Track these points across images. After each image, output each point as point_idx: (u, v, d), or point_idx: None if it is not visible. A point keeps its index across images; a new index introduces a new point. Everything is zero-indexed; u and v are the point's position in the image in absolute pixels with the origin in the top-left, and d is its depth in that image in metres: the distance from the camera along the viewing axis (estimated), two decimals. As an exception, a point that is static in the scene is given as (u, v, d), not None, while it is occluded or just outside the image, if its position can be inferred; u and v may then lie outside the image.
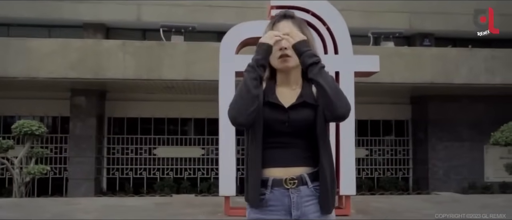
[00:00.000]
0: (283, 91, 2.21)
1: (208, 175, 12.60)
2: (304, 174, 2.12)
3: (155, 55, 10.01)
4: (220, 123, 6.04)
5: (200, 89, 11.39)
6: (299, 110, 2.15)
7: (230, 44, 6.04)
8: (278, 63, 2.18)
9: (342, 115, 2.05)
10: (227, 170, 5.96)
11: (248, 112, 2.04)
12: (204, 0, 12.04)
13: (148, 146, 12.59)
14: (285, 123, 2.13)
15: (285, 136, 2.13)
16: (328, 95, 2.04)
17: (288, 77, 2.22)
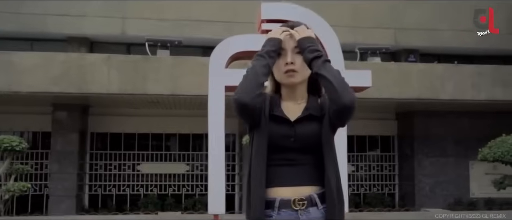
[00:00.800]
0: (288, 105, 2.11)
1: (193, 191, 12.39)
2: (313, 194, 2.00)
3: (140, 70, 9.86)
4: (210, 138, 5.89)
5: (186, 104, 11.24)
6: (305, 124, 2.05)
7: (220, 58, 5.94)
8: (283, 78, 2.09)
9: (348, 103, 1.92)
10: (217, 188, 5.81)
11: (254, 94, 1.94)
12: (190, 14, 11.94)
13: (131, 162, 12.35)
14: (291, 138, 2.02)
15: (292, 152, 2.02)
16: (332, 84, 1.94)
17: (294, 92, 2.12)
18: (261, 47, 2.11)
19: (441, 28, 12.57)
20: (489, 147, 8.48)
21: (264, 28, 5.82)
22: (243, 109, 1.94)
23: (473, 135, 11.95)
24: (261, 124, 2.03)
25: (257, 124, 2.03)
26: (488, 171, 12.23)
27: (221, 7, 12.13)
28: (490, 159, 8.34)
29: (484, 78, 10.56)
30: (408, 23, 12.47)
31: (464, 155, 12.16)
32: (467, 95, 10.44)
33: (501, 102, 10.63)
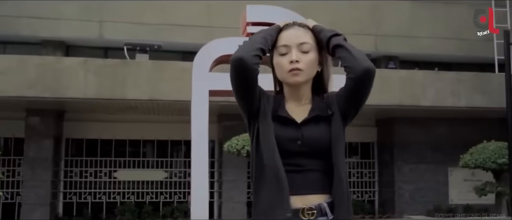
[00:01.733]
0: (292, 106, 1.97)
1: (171, 199, 12.14)
2: (323, 203, 1.86)
3: (118, 74, 9.62)
4: (193, 144, 5.71)
5: (165, 110, 11.03)
6: (312, 126, 1.90)
7: (204, 61, 5.77)
8: (287, 77, 1.94)
9: (368, 66, 1.85)
10: (200, 194, 5.62)
11: (251, 52, 1.85)
12: (169, 19, 11.74)
13: (108, 169, 12.05)
14: (297, 141, 1.87)
15: (299, 157, 1.87)
16: (351, 53, 1.88)
17: (298, 92, 1.98)
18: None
19: (421, 35, 12.65)
20: (470, 154, 8.51)
21: (250, 31, 5.68)
22: (239, 64, 1.83)
23: (452, 142, 12.03)
24: (265, 119, 1.89)
25: (255, 108, 1.91)
26: (466, 177, 12.32)
27: (200, 12, 11.98)
28: (471, 166, 8.37)
29: (464, 85, 10.62)
30: (388, 30, 12.52)
31: (443, 161, 12.21)
32: (447, 102, 10.48)
33: (480, 109, 10.71)
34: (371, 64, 1.88)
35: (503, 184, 8.41)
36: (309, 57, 1.94)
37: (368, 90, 1.90)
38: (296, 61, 1.91)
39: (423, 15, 12.84)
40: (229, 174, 11.71)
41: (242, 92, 1.91)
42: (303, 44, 1.94)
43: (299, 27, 2.00)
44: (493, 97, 10.49)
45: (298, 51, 1.93)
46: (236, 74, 1.87)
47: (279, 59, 1.95)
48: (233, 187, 11.71)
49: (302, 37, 1.96)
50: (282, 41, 1.96)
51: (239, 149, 8.05)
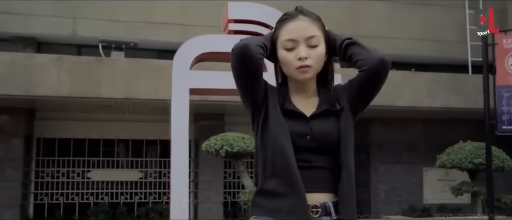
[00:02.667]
0: (298, 99, 1.88)
1: (146, 199, 11.94)
2: (328, 202, 1.77)
3: (93, 72, 9.38)
4: (173, 143, 5.57)
5: (140, 109, 10.83)
6: (321, 121, 1.82)
7: (184, 59, 5.65)
8: (295, 74, 1.84)
9: (383, 56, 1.78)
10: (180, 194, 5.50)
11: (257, 44, 1.77)
12: (145, 16, 11.53)
13: (81, 169, 11.77)
14: (307, 136, 1.78)
15: (307, 153, 1.78)
16: (364, 48, 1.83)
17: (304, 85, 1.89)
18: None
19: (397, 36, 12.74)
20: (447, 154, 8.57)
21: (232, 28, 5.60)
22: (244, 52, 1.74)
23: (426, 142, 12.16)
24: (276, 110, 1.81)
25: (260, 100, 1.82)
26: (440, 177, 12.47)
27: (177, 10, 11.80)
28: (448, 166, 8.43)
29: (439, 86, 10.72)
30: (365, 30, 12.55)
31: (418, 162, 12.33)
32: (423, 102, 10.56)
33: (455, 109, 10.83)
34: (385, 55, 1.81)
35: (478, 184, 8.50)
36: (318, 52, 1.84)
37: (383, 81, 1.83)
38: (305, 58, 1.81)
39: (399, 16, 12.94)
40: (205, 174, 11.58)
41: (246, 83, 1.81)
42: (311, 38, 1.83)
43: (305, 17, 1.87)
44: (468, 98, 10.62)
45: (306, 46, 1.83)
46: (240, 63, 1.77)
47: (285, 54, 1.85)
48: (209, 187, 11.58)
49: (310, 30, 1.84)
50: (287, 34, 1.84)
51: (217, 149, 7.93)
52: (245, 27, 5.58)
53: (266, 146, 1.79)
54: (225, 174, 12.01)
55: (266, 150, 1.79)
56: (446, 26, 13.06)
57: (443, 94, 10.65)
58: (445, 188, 12.14)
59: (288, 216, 1.70)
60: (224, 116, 11.54)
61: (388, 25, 12.79)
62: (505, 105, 7.04)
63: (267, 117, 1.81)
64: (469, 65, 12.36)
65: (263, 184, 1.79)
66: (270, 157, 1.77)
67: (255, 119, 1.88)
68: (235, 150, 7.90)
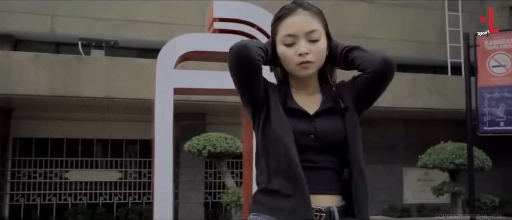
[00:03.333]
0: (300, 96, 1.81)
1: (125, 200, 11.77)
2: (333, 207, 1.69)
3: (72, 70, 9.20)
4: (157, 144, 5.45)
5: (120, 108, 10.67)
6: (325, 119, 1.75)
7: (168, 58, 5.52)
8: (296, 71, 1.78)
9: (386, 57, 1.73)
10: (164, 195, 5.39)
11: (257, 45, 1.71)
12: (126, 14, 11.36)
13: (59, 169, 11.55)
14: (310, 135, 1.71)
15: (310, 152, 1.71)
16: (366, 51, 1.77)
17: (305, 81, 1.82)
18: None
19: (378, 37, 12.80)
20: (428, 154, 8.63)
21: (217, 27, 5.51)
22: (243, 52, 1.67)
23: (406, 143, 12.26)
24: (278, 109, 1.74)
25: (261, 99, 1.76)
26: (420, 177, 12.59)
27: (158, 8, 11.66)
28: (430, 166, 8.49)
29: (420, 86, 10.81)
30: (347, 31, 12.59)
31: (398, 162, 12.42)
32: (405, 103, 10.63)
33: (436, 110, 10.93)
34: (389, 55, 1.76)
35: (459, 184, 8.58)
36: (319, 47, 1.78)
37: (389, 81, 1.78)
38: (306, 54, 1.75)
39: (381, 17, 13.01)
40: (186, 174, 11.47)
41: (245, 83, 1.74)
42: (312, 32, 1.76)
43: (304, 10, 1.79)
44: (448, 99, 10.73)
45: (306, 41, 1.76)
46: (238, 62, 1.69)
47: (284, 50, 1.78)
48: (190, 188, 11.48)
49: (311, 24, 1.77)
50: (286, 29, 1.77)
51: (200, 149, 7.85)
52: (231, 26, 5.48)
53: (269, 145, 1.72)
54: (206, 174, 11.92)
55: (269, 149, 1.72)
56: (426, 27, 13.19)
57: (423, 95, 10.74)
58: (425, 188, 12.27)
59: (291, 216, 1.63)
60: (205, 116, 11.45)
61: (369, 26, 12.85)
62: (486, 107, 7.12)
63: (269, 116, 1.74)
64: (449, 66, 12.49)
65: (267, 183, 1.72)
66: (273, 157, 1.70)
67: (256, 118, 1.81)
68: (218, 151, 7.83)
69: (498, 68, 7.10)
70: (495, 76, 7.12)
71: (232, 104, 8.93)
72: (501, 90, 7.07)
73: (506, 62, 7.06)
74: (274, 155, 1.69)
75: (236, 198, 7.82)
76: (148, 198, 11.77)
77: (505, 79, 7.09)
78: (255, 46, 1.70)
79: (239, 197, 7.73)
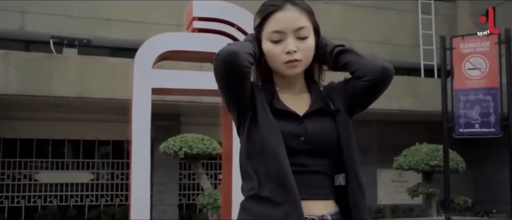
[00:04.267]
0: (287, 97, 1.71)
1: (97, 202, 11.52)
2: (326, 215, 1.61)
3: (43, 69, 8.93)
4: (134, 145, 5.33)
5: (93, 108, 10.43)
6: (316, 120, 1.66)
7: (146, 57, 5.40)
8: (283, 69, 1.68)
9: (384, 66, 1.65)
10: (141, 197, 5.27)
11: (247, 51, 1.59)
12: (99, 12, 11.12)
13: (28, 171, 11.23)
14: (300, 137, 1.62)
15: (301, 156, 1.62)
16: (361, 56, 1.68)
17: (292, 80, 1.73)
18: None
19: (353, 39, 12.86)
20: (404, 156, 8.69)
21: (196, 26, 5.41)
22: (233, 60, 1.55)
23: (380, 144, 12.34)
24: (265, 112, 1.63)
25: (247, 104, 1.65)
26: (394, 178, 12.70)
27: (133, 7, 11.45)
28: (405, 168, 8.55)
29: (395, 88, 10.88)
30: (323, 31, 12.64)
31: (373, 163, 12.49)
32: (380, 104, 10.55)
33: (410, 112, 11.03)
34: (386, 62, 1.69)
35: (433, 186, 8.67)
36: (307, 44, 1.69)
37: (385, 89, 1.72)
38: (294, 52, 1.65)
39: (356, 19, 13.09)
40: (160, 176, 11.28)
41: (232, 91, 1.64)
42: (301, 29, 1.67)
43: (293, 6, 1.69)
44: (421, 101, 10.85)
45: (294, 38, 1.67)
46: (226, 70, 1.59)
47: (270, 47, 1.68)
48: (164, 190, 11.31)
49: (300, 20, 1.68)
50: (274, 25, 1.67)
51: (176, 151, 7.72)
52: (210, 25, 5.40)
53: (256, 151, 1.62)
54: (180, 176, 11.76)
55: (256, 155, 1.61)
56: (400, 30, 13.33)
57: (398, 97, 10.82)
58: (399, 189, 12.40)
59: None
60: (180, 117, 11.30)
61: (344, 28, 12.90)
62: (462, 109, 7.20)
63: (256, 120, 1.64)
64: (422, 69, 12.65)
65: (256, 190, 1.62)
66: (261, 163, 1.60)
67: (241, 123, 1.70)
68: (194, 152, 7.72)
69: (473, 71, 7.19)
70: (471, 79, 7.21)
71: (207, 104, 8.82)
72: (476, 92, 7.16)
73: (481, 65, 7.16)
74: (262, 160, 1.59)
75: (212, 200, 7.72)
76: (121, 200, 11.55)
77: (480, 82, 7.18)
78: (244, 52, 1.59)
79: (216, 199, 7.63)
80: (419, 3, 13.26)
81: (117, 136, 11.41)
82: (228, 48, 1.58)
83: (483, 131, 7.11)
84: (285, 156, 1.58)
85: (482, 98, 7.09)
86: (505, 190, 9.31)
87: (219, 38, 5.32)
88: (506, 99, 6.98)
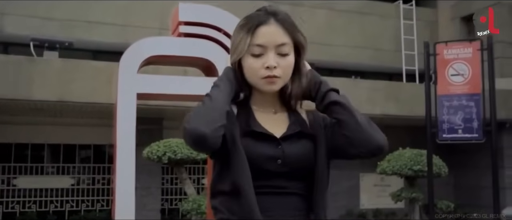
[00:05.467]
0: (263, 116, 1.65)
1: (78, 207, 11.33)
2: None
3: (23, 72, 8.75)
4: (119, 151, 5.24)
5: (74, 112, 10.26)
6: (294, 142, 1.61)
7: (132, 61, 5.31)
8: (261, 84, 1.62)
9: (382, 142, 1.58)
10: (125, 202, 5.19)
11: (217, 125, 1.48)
12: (80, 15, 10.96)
13: (6, 175, 11.00)
14: (277, 160, 1.57)
15: (277, 179, 1.58)
16: (357, 122, 1.58)
17: (269, 98, 1.67)
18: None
19: (336, 44, 12.93)
20: (388, 161, 8.73)
21: (182, 31, 5.34)
22: (201, 143, 1.49)
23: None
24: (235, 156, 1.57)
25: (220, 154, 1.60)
26: (376, 183, 12.76)
27: (115, 9, 11.33)
28: (389, 172, 8.59)
29: (378, 93, 10.96)
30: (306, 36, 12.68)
31: (355, 167, 12.52)
32: (363, 109, 10.54)
33: (393, 116, 11.10)
34: (383, 137, 1.61)
35: (416, 190, 8.73)
36: (288, 61, 1.63)
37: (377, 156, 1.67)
38: (273, 67, 1.60)
39: (339, 24, 13.14)
40: (142, 180, 11.12)
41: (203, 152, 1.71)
42: (282, 46, 1.62)
43: (276, 21, 1.64)
44: (404, 106, 10.92)
45: (275, 54, 1.61)
46: (196, 148, 1.56)
47: (250, 61, 1.61)
48: (146, 194, 11.17)
49: (282, 37, 1.63)
50: (256, 39, 1.61)
51: (160, 156, 7.63)
52: (197, 29, 5.33)
53: (226, 191, 1.59)
54: (163, 180, 11.65)
55: (226, 195, 1.59)
56: (383, 35, 13.42)
57: (381, 102, 10.89)
58: (381, 193, 12.47)
59: None
60: (163, 121, 11.19)
61: (328, 32, 12.95)
62: (445, 114, 7.26)
63: (228, 163, 1.58)
64: (404, 74, 12.76)
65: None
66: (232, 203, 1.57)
67: (213, 158, 1.69)
68: (178, 157, 7.63)
69: (456, 77, 7.25)
70: (454, 85, 7.27)
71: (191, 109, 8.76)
72: (459, 98, 7.22)
73: (464, 71, 7.22)
74: (232, 201, 1.57)
75: (196, 206, 7.64)
76: (102, 205, 11.39)
77: (463, 88, 7.24)
78: (213, 135, 1.49)
79: (200, 204, 7.57)
80: (401, 9, 13.40)
81: (99, 140, 11.25)
82: (197, 131, 1.47)
83: (466, 136, 7.17)
84: (254, 200, 1.54)
85: (465, 104, 7.15)
86: (486, 194, 9.42)
87: (205, 43, 5.27)
88: (488, 104, 7.05)
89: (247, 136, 1.60)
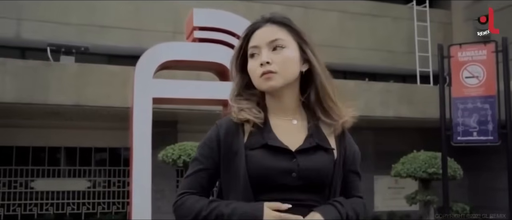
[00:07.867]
0: (278, 124, 1.64)
1: (94, 210, 11.45)
2: None
3: (40, 77, 8.90)
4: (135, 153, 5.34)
5: (90, 116, 10.38)
6: (310, 155, 1.59)
7: (147, 67, 5.42)
8: (260, 83, 1.62)
9: None
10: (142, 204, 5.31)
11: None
12: (96, 20, 11.10)
13: (24, 178, 11.15)
14: (292, 173, 1.57)
15: (292, 192, 1.58)
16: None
17: (281, 102, 1.66)
18: None
19: (348, 46, 12.93)
20: (402, 163, 8.68)
21: (197, 36, 5.43)
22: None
23: (377, 151, 12.36)
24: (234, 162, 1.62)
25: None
26: (390, 185, 12.72)
27: (130, 14, 11.45)
28: (403, 175, 8.55)
29: (391, 95, 10.93)
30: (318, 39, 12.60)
31: (370, 170, 12.50)
32: (377, 112, 10.71)
33: (406, 119, 11.07)
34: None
35: (431, 193, 8.68)
36: (283, 55, 1.62)
37: None
38: (266, 63, 1.60)
39: (351, 27, 13.14)
40: (157, 183, 11.19)
41: None
42: (274, 41, 1.62)
43: (272, 24, 1.66)
44: (417, 108, 10.88)
45: (269, 50, 1.62)
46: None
47: (249, 64, 1.65)
48: (161, 197, 11.23)
49: (274, 33, 1.64)
50: (251, 41, 1.66)
51: (175, 159, 7.69)
52: (211, 35, 5.42)
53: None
54: (177, 183, 11.72)
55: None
56: (396, 37, 13.39)
57: (394, 104, 10.86)
58: (395, 195, 12.42)
59: None
60: (177, 124, 11.28)
61: (340, 35, 12.96)
62: (460, 117, 7.22)
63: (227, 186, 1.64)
64: (417, 76, 12.71)
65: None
66: None
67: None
68: (193, 160, 7.68)
69: (471, 79, 7.22)
70: (468, 87, 7.24)
71: (205, 112, 8.82)
72: (474, 100, 7.18)
73: (478, 73, 7.18)
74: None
75: (211, 208, 7.69)
76: (118, 208, 11.50)
77: (477, 90, 7.21)
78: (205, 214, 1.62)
79: (215, 207, 7.61)
80: (414, 11, 13.36)
81: (114, 143, 11.37)
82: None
83: (481, 139, 7.13)
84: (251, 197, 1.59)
85: (480, 106, 7.12)
86: (501, 196, 9.36)
87: (219, 48, 5.35)
88: (503, 107, 7.01)
89: (262, 148, 1.60)
